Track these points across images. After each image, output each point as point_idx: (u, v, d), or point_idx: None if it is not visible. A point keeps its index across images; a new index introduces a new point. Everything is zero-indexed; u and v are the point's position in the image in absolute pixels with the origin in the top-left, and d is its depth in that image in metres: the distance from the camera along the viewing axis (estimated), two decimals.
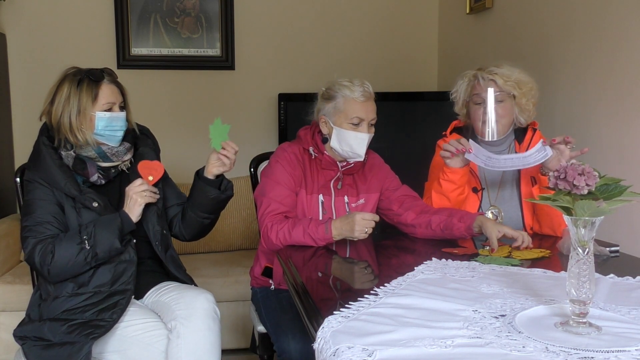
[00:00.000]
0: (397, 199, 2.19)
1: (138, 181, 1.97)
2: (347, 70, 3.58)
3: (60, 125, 1.95)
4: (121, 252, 1.95)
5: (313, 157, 2.17)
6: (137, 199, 1.95)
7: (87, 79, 1.95)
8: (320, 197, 2.14)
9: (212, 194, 2.06)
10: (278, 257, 1.98)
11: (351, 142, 2.09)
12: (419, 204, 2.16)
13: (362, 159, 2.14)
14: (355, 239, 1.94)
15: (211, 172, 2.06)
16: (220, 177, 2.09)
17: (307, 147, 2.17)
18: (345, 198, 2.17)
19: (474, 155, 2.02)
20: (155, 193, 2.02)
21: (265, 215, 2.04)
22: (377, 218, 1.93)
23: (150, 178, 2.00)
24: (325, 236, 1.94)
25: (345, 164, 2.16)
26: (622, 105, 2.31)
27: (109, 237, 1.88)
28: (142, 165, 2.00)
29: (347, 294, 1.52)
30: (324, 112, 2.13)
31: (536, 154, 2.00)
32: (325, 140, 2.16)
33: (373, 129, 2.14)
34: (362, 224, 1.90)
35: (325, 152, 2.15)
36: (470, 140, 2.06)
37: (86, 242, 1.87)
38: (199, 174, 2.10)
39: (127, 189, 1.97)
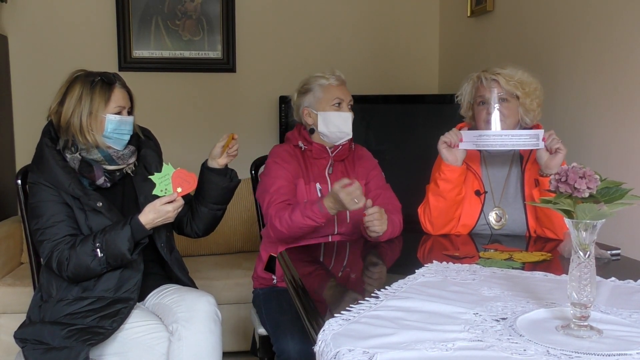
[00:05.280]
0: (372, 195, 2.24)
1: (179, 204, 1.91)
2: (348, 73, 3.56)
3: (69, 125, 1.96)
4: (132, 261, 1.95)
5: (303, 150, 2.28)
6: (165, 218, 1.91)
7: (101, 82, 1.96)
8: (318, 185, 2.23)
9: (222, 183, 2.12)
10: (278, 259, 1.99)
11: (337, 122, 2.23)
12: (389, 209, 2.18)
13: (350, 136, 2.25)
14: (351, 209, 1.97)
15: (221, 164, 2.11)
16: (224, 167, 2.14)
17: (296, 143, 2.29)
18: None
19: (465, 142, 2.06)
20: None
21: (269, 206, 2.12)
22: (356, 183, 1.94)
23: (179, 190, 1.90)
24: (321, 213, 1.99)
25: (333, 149, 2.27)
26: (624, 108, 2.31)
27: (120, 249, 1.87)
28: (177, 174, 1.90)
29: (348, 297, 1.52)
30: (306, 105, 2.29)
31: (528, 137, 2.00)
32: (312, 131, 2.28)
33: (352, 112, 2.27)
34: (348, 198, 1.92)
35: (313, 142, 2.26)
36: (462, 130, 2.09)
37: (98, 250, 1.87)
38: (206, 167, 2.13)
39: (167, 208, 1.89)
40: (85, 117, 1.94)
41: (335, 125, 2.23)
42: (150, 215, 1.89)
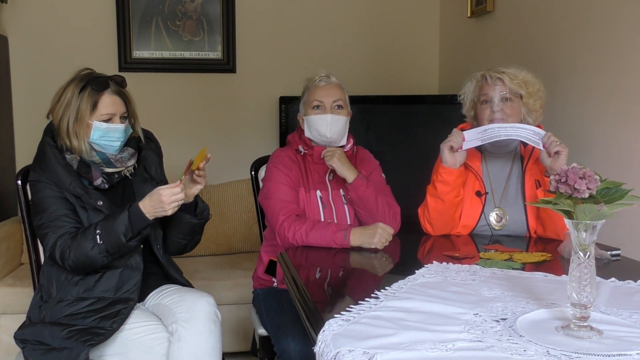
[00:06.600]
0: None
1: (177, 190, 1.85)
2: (348, 73, 3.58)
3: (59, 127, 1.96)
4: (130, 249, 1.92)
5: (303, 155, 2.25)
6: (167, 209, 1.86)
7: (89, 87, 1.93)
8: (318, 192, 2.21)
9: (186, 218, 2.02)
10: (279, 259, 1.99)
11: (316, 125, 2.19)
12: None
13: (332, 140, 2.20)
14: (372, 246, 1.96)
15: (189, 195, 1.98)
16: (194, 200, 2.03)
17: (296, 147, 2.26)
18: (341, 191, 2.23)
19: (468, 141, 2.05)
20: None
21: (277, 214, 2.08)
22: (392, 231, 2.02)
23: (182, 178, 1.89)
24: (343, 242, 1.98)
25: None
26: (624, 108, 2.31)
27: (116, 232, 1.85)
28: (202, 153, 1.89)
29: (348, 297, 1.52)
30: (299, 110, 2.29)
31: (532, 133, 2.00)
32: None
33: (344, 111, 2.22)
34: (383, 234, 1.96)
35: (314, 146, 2.24)
36: (464, 131, 2.08)
37: (98, 237, 1.86)
38: None
39: (161, 192, 1.85)
40: (72, 121, 1.93)
41: (315, 129, 2.19)
42: (146, 200, 1.87)
